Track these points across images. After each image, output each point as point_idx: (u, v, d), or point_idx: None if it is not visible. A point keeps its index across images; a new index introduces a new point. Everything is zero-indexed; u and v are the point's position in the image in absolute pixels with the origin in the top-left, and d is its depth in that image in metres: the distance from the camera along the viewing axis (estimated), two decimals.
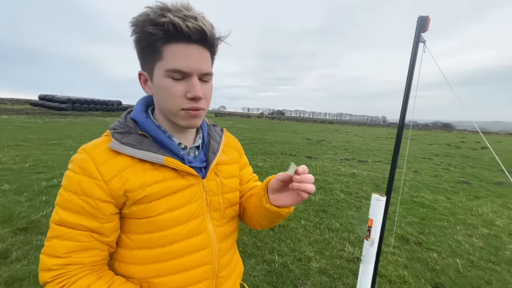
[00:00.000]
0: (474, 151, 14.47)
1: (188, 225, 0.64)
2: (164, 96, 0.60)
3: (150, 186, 0.60)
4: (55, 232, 0.56)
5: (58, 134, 9.79)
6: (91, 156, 0.57)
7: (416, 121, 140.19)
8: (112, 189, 0.57)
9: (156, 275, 0.63)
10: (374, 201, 1.28)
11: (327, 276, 2.42)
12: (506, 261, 2.89)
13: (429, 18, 1.19)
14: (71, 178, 0.57)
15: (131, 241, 0.62)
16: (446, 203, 4.77)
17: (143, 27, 0.55)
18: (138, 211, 0.60)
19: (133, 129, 0.63)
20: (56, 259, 0.55)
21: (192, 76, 0.58)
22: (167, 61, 0.56)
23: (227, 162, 0.77)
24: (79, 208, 0.56)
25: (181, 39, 0.56)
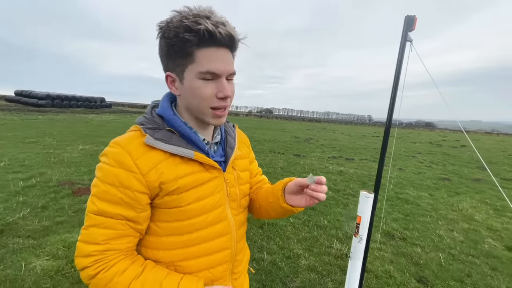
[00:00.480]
0: (454, 149, 15.09)
1: (212, 214, 0.71)
2: (195, 96, 0.64)
3: (182, 178, 0.66)
4: (93, 221, 0.61)
5: (37, 132, 9.36)
6: (127, 150, 0.61)
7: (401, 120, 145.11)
8: (149, 181, 0.62)
9: (182, 259, 0.69)
10: (362, 198, 1.29)
11: (316, 273, 2.44)
12: (484, 254, 3.01)
13: (416, 17, 1.20)
14: (108, 171, 0.61)
15: (160, 228, 0.68)
16: (429, 199, 4.93)
17: (177, 33, 0.58)
18: (170, 201, 0.65)
19: (161, 125, 0.68)
20: (95, 246, 0.60)
21: (222, 77, 0.63)
22: (199, 64, 0.61)
23: (241, 157, 0.84)
24: (117, 199, 0.61)
25: (213, 44, 0.60)
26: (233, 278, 0.79)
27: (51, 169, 4.91)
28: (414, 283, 2.40)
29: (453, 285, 2.42)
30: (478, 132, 61.74)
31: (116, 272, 0.60)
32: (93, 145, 7.64)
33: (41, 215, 3.09)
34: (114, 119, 18.83)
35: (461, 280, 2.49)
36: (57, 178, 4.42)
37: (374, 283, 2.35)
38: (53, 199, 3.55)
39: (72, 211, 3.25)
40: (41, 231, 2.74)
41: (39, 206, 3.30)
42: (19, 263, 2.20)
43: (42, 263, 2.23)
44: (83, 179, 4.51)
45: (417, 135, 30.09)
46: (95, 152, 6.77)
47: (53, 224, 2.90)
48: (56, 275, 2.12)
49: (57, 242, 2.54)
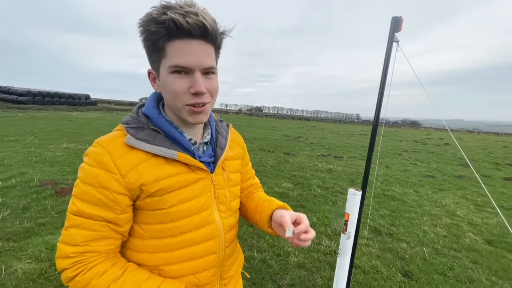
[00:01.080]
0: (438, 147, 15.61)
1: (197, 217, 0.69)
2: (169, 92, 0.61)
3: (164, 180, 0.63)
4: (72, 222, 0.59)
5: (17, 130, 8.97)
6: (107, 150, 0.59)
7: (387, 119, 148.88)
8: (128, 183, 0.60)
9: (166, 263, 0.67)
10: (350, 196, 1.31)
11: (305, 270, 2.47)
12: (465, 248, 3.14)
13: (402, 18, 1.22)
14: (88, 171, 0.59)
15: (144, 231, 0.66)
16: (414, 196, 5.08)
17: (147, 26, 0.57)
18: (152, 203, 0.63)
19: (146, 124, 0.65)
20: (74, 247, 0.58)
21: (195, 71, 0.59)
22: (170, 57, 0.58)
23: (232, 158, 0.81)
24: (96, 200, 0.59)
25: (183, 36, 0.57)
26: (222, 283, 0.77)
27: (33, 169, 4.71)
28: (400, 277, 2.47)
29: (436, 278, 2.50)
30: (461, 131, 64.14)
31: (95, 274, 0.58)
32: (78, 144, 7.40)
33: (22, 216, 2.97)
34: (100, 117, 18.31)
35: (444, 274, 2.58)
36: (39, 178, 4.26)
37: (361, 278, 2.41)
38: (35, 200, 3.42)
39: (55, 212, 3.14)
40: (22, 233, 2.63)
41: (20, 207, 3.16)
42: None
43: (24, 267, 2.14)
44: (67, 178, 4.37)
45: (403, 133, 30.93)
46: (79, 151, 6.56)
47: (35, 226, 2.79)
48: (38, 278, 2.04)
49: (39, 244, 2.44)
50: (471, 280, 2.51)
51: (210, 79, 0.62)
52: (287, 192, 4.68)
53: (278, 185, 5.06)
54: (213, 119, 0.80)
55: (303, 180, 5.52)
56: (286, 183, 5.24)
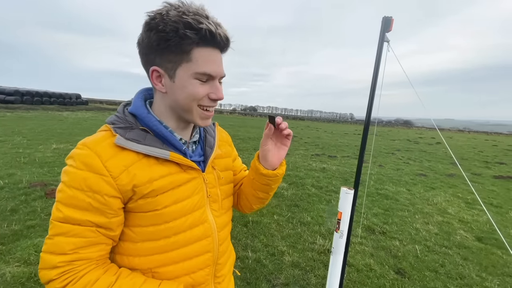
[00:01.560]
0: (430, 146, 15.87)
1: (191, 216, 0.68)
2: (187, 95, 0.61)
3: (157, 181, 0.62)
4: (58, 229, 0.56)
5: (4, 130, 8.76)
6: (96, 152, 0.57)
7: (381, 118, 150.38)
8: (120, 185, 0.58)
9: (160, 265, 0.65)
10: (343, 195, 1.31)
11: (300, 269, 2.47)
12: (456, 245, 3.19)
13: (393, 18, 1.23)
14: (75, 175, 0.56)
15: (135, 234, 0.64)
16: (407, 195, 5.15)
17: (176, 28, 0.55)
18: (145, 204, 0.62)
19: (134, 124, 0.63)
20: (62, 256, 0.55)
21: (215, 79, 0.63)
22: (196, 64, 0.59)
23: (222, 156, 0.81)
24: (85, 205, 0.56)
25: (211, 44, 0.59)
26: (216, 282, 0.77)
27: (21, 170, 4.61)
28: (393, 275, 2.49)
29: (428, 275, 2.54)
30: (452, 130, 65.34)
31: (87, 283, 0.55)
32: (68, 144, 7.27)
33: (10, 219, 2.89)
34: (91, 117, 18.03)
35: (435, 270, 2.62)
36: (28, 179, 4.16)
37: (355, 277, 2.42)
38: (23, 202, 3.34)
39: (44, 214, 3.07)
40: (11, 236, 2.56)
41: (8, 210, 3.08)
42: None
43: (12, 270, 2.08)
44: (57, 180, 4.27)
45: (396, 132, 31.35)
46: (70, 151, 6.40)
47: (23, 228, 2.72)
48: (28, 282, 2.00)
49: (28, 247, 2.39)
50: (462, 277, 2.55)
51: (221, 86, 0.67)
52: (282, 191, 4.68)
53: None
54: None
55: (298, 180, 5.54)
56: (280, 182, 5.24)
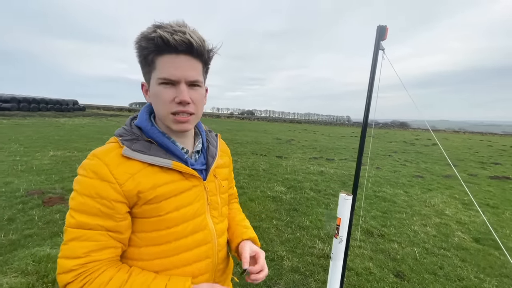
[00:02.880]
0: (426, 147, 15.98)
1: (192, 223, 0.71)
2: (157, 101, 0.66)
3: (160, 187, 0.66)
4: (72, 235, 0.60)
5: (1, 138, 8.69)
6: (104, 162, 0.62)
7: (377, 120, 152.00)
8: (126, 191, 0.62)
9: (162, 269, 0.68)
10: (341, 200, 1.33)
11: (299, 274, 2.47)
12: (455, 246, 3.21)
13: (387, 27, 1.26)
14: (85, 183, 0.61)
15: (139, 239, 0.68)
16: (404, 197, 5.18)
17: (139, 42, 0.62)
18: (149, 210, 0.66)
19: (139, 136, 0.68)
20: (75, 260, 0.59)
21: (180, 83, 0.64)
22: (158, 70, 0.63)
23: (222, 166, 0.85)
24: (95, 210, 0.60)
25: (171, 51, 0.62)
26: None
27: (18, 178, 4.57)
28: (392, 278, 2.50)
29: (427, 277, 2.55)
30: (447, 131, 65.91)
31: (101, 283, 0.59)
32: (66, 151, 7.23)
33: (7, 228, 2.87)
34: (88, 123, 17.94)
35: (434, 273, 2.63)
36: (25, 187, 4.13)
37: (355, 280, 2.43)
38: (20, 211, 3.31)
39: (42, 223, 3.04)
40: (8, 246, 2.54)
41: (4, 219, 3.05)
42: None
43: (10, 281, 2.06)
44: (54, 187, 4.25)
45: (392, 134, 31.55)
46: (68, 158, 6.40)
47: (21, 238, 2.69)
48: None
49: (26, 257, 2.36)
50: (461, 278, 2.57)
51: (194, 90, 0.67)
52: (280, 195, 4.69)
53: (271, 188, 5.06)
54: (203, 129, 0.84)
55: (296, 183, 5.55)
56: (279, 186, 5.25)
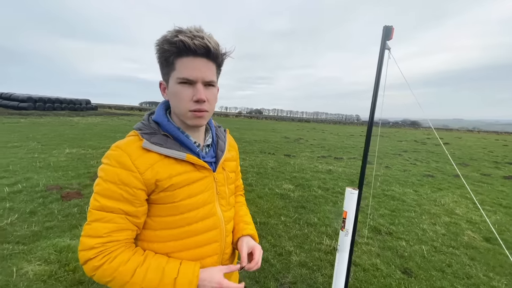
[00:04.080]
0: (437, 146, 15.65)
1: (202, 210, 0.79)
2: (176, 99, 0.73)
3: (175, 177, 0.73)
4: (95, 216, 0.68)
5: (19, 136, 9.05)
6: (127, 153, 0.69)
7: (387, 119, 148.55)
8: (146, 179, 0.70)
9: (175, 250, 0.76)
10: (347, 195, 1.38)
11: (307, 268, 2.53)
12: (464, 245, 3.20)
13: (393, 27, 1.30)
14: (109, 171, 0.68)
15: (155, 223, 0.75)
16: (414, 195, 5.15)
17: (161, 45, 0.69)
18: (164, 197, 0.73)
19: (157, 130, 0.75)
20: (97, 239, 0.66)
21: (197, 83, 0.71)
22: (178, 71, 0.70)
23: (230, 159, 0.92)
24: (118, 196, 0.68)
25: (189, 54, 0.68)
26: None
27: (37, 174, 4.79)
28: (399, 274, 2.53)
29: (435, 275, 2.56)
30: (461, 130, 64.14)
31: (120, 262, 0.67)
32: (80, 149, 7.48)
33: (30, 220, 3.04)
34: (101, 122, 18.41)
35: (442, 270, 2.64)
36: (44, 182, 4.33)
37: (362, 276, 2.47)
38: (41, 204, 3.49)
39: (61, 216, 3.21)
40: (31, 237, 2.70)
41: (27, 212, 3.24)
42: (10, 269, 2.18)
43: (34, 268, 2.21)
44: (71, 183, 4.44)
45: (403, 133, 30.98)
46: (82, 155, 6.64)
47: (42, 229, 2.86)
48: (49, 279, 2.11)
49: (48, 247, 2.51)
50: (469, 276, 2.57)
51: (209, 90, 0.74)
52: (288, 193, 4.75)
53: (279, 186, 5.12)
54: (213, 125, 0.91)
55: (304, 182, 5.59)
56: (287, 184, 5.31)
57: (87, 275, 0.71)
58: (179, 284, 0.68)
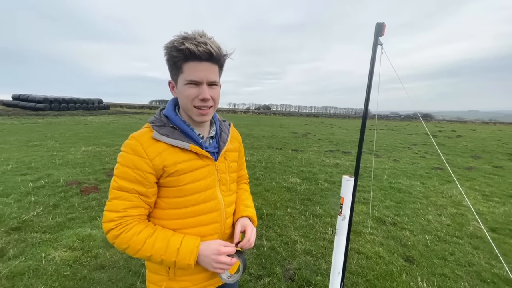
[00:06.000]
0: (449, 139, 15.33)
1: (204, 194, 0.90)
2: (184, 98, 0.84)
3: (180, 164, 0.84)
4: (114, 194, 0.81)
5: (38, 135, 9.51)
6: (140, 142, 0.81)
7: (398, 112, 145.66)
8: (155, 165, 0.81)
9: (181, 227, 0.88)
10: (344, 182, 1.49)
11: (311, 256, 2.66)
12: (468, 235, 3.24)
13: (385, 24, 1.38)
14: (126, 157, 0.81)
15: (164, 203, 0.88)
16: (421, 188, 5.16)
17: (170, 51, 0.79)
18: (171, 181, 0.85)
19: (166, 123, 0.87)
20: (116, 213, 0.80)
21: (203, 84, 0.81)
22: (186, 74, 0.80)
23: (232, 150, 1.03)
24: (132, 178, 0.80)
25: (195, 59, 0.79)
26: None
27: (57, 171, 5.09)
28: (401, 262, 2.62)
29: (437, 262, 2.64)
30: (476, 122, 62.09)
31: (134, 233, 0.80)
32: (95, 147, 7.82)
33: (54, 212, 3.29)
34: (113, 121, 18.95)
35: (444, 258, 2.71)
36: (64, 178, 4.62)
37: (364, 263, 2.57)
38: (63, 198, 3.75)
39: (82, 208, 3.45)
40: (56, 227, 2.94)
41: (50, 205, 3.50)
42: (39, 255, 2.41)
43: (61, 254, 2.43)
44: (89, 179, 4.71)
45: (414, 127, 30.34)
46: (97, 153, 6.95)
47: (66, 220, 3.10)
48: (74, 264, 2.33)
49: (71, 236, 2.74)
50: (471, 264, 2.63)
51: (213, 89, 0.84)
52: (295, 186, 4.86)
53: (286, 180, 5.24)
54: (217, 119, 1.02)
55: (311, 175, 5.69)
56: (294, 178, 5.42)
57: (109, 242, 0.86)
58: (182, 253, 0.81)
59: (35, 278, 2.12)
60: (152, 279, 0.93)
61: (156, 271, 0.92)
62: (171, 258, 0.80)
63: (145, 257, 0.81)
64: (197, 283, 0.94)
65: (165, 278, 0.91)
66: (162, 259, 0.80)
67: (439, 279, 2.38)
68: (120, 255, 2.49)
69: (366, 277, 2.36)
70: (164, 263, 0.82)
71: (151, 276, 0.94)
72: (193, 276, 0.92)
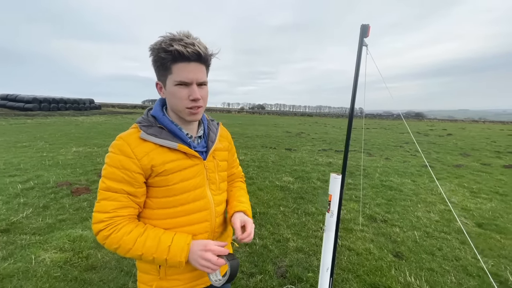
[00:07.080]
0: (440, 137, 15.64)
1: (193, 193, 0.90)
2: (174, 99, 0.84)
3: (168, 163, 0.84)
4: (103, 195, 0.81)
5: (27, 136, 9.33)
6: (127, 142, 0.81)
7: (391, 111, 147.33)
8: (143, 165, 0.81)
9: (171, 227, 0.88)
10: (332, 180, 1.52)
11: (303, 253, 2.69)
12: (456, 231, 3.33)
13: (370, 26, 1.42)
14: (113, 158, 0.80)
15: (153, 203, 0.88)
16: (411, 185, 5.26)
17: (158, 53, 0.78)
18: (159, 181, 0.85)
19: (153, 123, 0.86)
20: (106, 214, 0.80)
21: (192, 84, 0.81)
22: (175, 75, 0.80)
23: (221, 149, 1.02)
24: (120, 178, 0.80)
25: (184, 60, 0.79)
26: None
27: (47, 172, 5.01)
28: (391, 257, 2.68)
29: (425, 257, 2.70)
30: (466, 121, 63.45)
31: (124, 232, 0.80)
32: (87, 147, 7.72)
33: (44, 214, 3.25)
34: (105, 121, 18.70)
35: (432, 253, 2.78)
36: (54, 179, 4.55)
37: (355, 259, 2.62)
38: (53, 199, 3.70)
39: (72, 209, 3.41)
40: (46, 228, 2.90)
41: (40, 206, 3.45)
42: (28, 257, 2.38)
43: (51, 256, 2.40)
44: (80, 179, 4.65)
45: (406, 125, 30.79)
46: (89, 154, 6.86)
47: (56, 222, 3.06)
48: (65, 265, 2.31)
49: (62, 237, 2.71)
50: (458, 258, 2.71)
51: (202, 89, 0.85)
52: (288, 185, 4.90)
53: (279, 179, 5.28)
54: (205, 118, 1.02)
55: (304, 174, 5.74)
56: (287, 177, 5.46)
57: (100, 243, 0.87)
58: (173, 251, 0.80)
59: (24, 280, 2.09)
60: (143, 279, 0.94)
61: (147, 271, 0.92)
62: (162, 256, 0.80)
63: (137, 256, 0.81)
64: (187, 282, 0.94)
65: (155, 278, 0.91)
66: (153, 257, 0.80)
67: (427, 273, 2.45)
68: (112, 255, 2.48)
69: (356, 273, 2.40)
70: (156, 262, 0.82)
71: (141, 276, 0.94)
72: (184, 275, 0.93)
